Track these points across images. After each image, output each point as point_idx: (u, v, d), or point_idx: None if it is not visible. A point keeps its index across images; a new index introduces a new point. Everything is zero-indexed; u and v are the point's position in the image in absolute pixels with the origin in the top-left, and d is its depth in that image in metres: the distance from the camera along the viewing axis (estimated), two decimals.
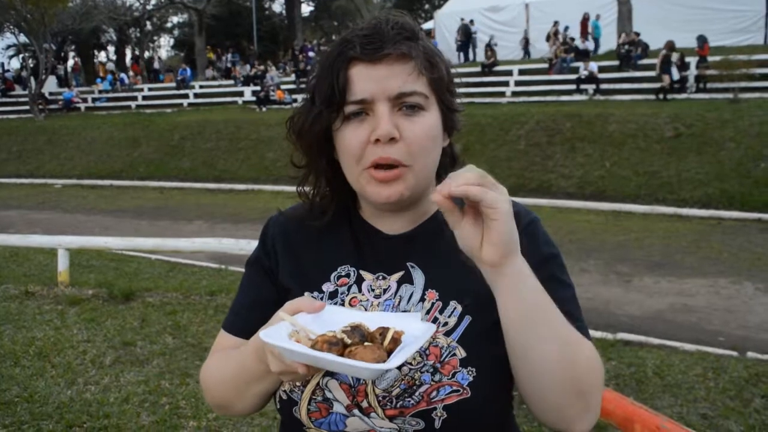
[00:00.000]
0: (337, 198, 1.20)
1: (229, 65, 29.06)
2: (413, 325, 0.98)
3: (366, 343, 0.91)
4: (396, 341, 0.93)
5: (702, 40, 18.25)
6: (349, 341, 0.91)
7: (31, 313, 6.16)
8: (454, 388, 1.03)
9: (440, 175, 1.17)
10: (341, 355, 0.88)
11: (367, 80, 1.05)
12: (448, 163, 1.20)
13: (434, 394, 1.03)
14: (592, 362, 1.02)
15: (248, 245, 6.47)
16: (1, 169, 22.73)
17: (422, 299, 1.11)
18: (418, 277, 1.13)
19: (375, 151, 1.06)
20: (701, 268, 8.57)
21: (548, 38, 22.62)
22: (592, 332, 5.61)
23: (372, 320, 0.98)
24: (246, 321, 1.21)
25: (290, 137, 1.16)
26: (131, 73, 31.65)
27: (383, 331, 0.95)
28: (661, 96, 17.44)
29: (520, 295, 0.97)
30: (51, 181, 20.81)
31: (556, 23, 22.44)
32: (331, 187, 1.19)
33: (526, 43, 24.58)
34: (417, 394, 1.03)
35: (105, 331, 5.65)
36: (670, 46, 17.82)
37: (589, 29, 22.83)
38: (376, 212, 1.19)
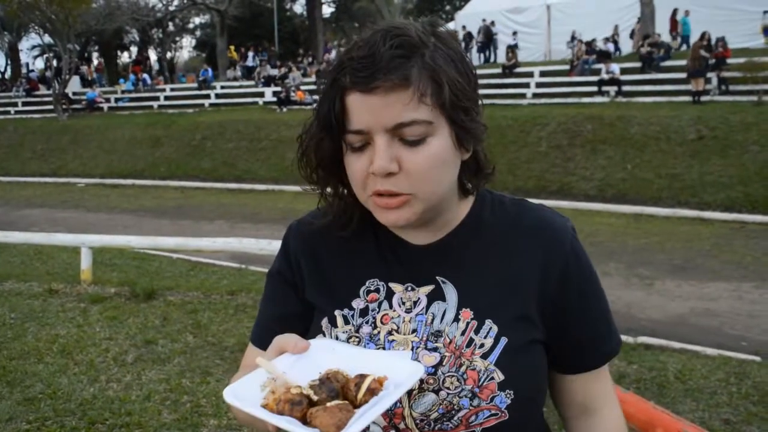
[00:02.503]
0: (359, 210, 1.12)
1: (254, 64, 28.99)
2: (399, 367, 0.93)
3: (331, 403, 0.86)
4: (373, 391, 0.88)
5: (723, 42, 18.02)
6: (315, 398, 0.87)
7: (54, 311, 6.24)
8: (493, 411, 1.01)
9: (463, 185, 1.13)
10: (303, 415, 0.85)
11: (362, 111, 0.97)
12: (473, 171, 1.12)
13: (473, 418, 1.01)
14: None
15: (269, 245, 6.50)
16: (25, 168, 23.05)
17: (456, 319, 1.06)
18: (450, 293, 1.08)
19: (375, 183, 1.01)
20: (724, 272, 8.48)
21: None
22: None
23: (356, 362, 0.94)
24: (274, 335, 1.19)
25: (300, 158, 1.10)
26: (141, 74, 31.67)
27: (360, 380, 0.89)
28: (696, 98, 17.03)
29: None
30: (74, 180, 21.04)
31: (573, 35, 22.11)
32: (350, 201, 1.13)
33: None
34: (456, 418, 1.01)
35: (127, 329, 5.70)
36: (707, 40, 17.38)
37: (678, 29, 21.96)
38: None
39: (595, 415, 1.17)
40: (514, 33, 24.11)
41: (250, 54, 30.15)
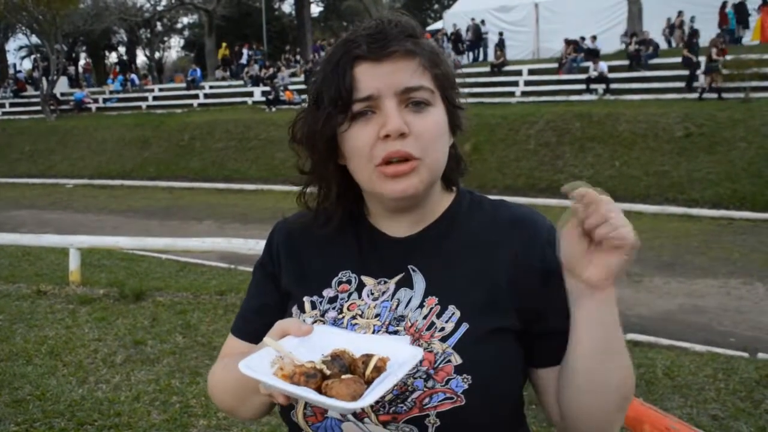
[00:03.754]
0: (344, 203, 1.17)
1: (244, 62, 28.84)
2: (401, 350, 0.96)
3: (344, 376, 0.90)
4: (379, 369, 0.92)
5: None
6: (328, 372, 0.90)
7: (43, 312, 6.21)
8: (448, 395, 1.00)
9: (447, 176, 1.16)
10: (319, 387, 0.88)
11: (372, 77, 1.04)
12: (455, 161, 1.18)
13: (427, 400, 1.00)
14: (632, 376, 1.07)
15: (257, 245, 6.49)
16: (13, 169, 22.90)
17: (421, 305, 1.08)
18: (419, 281, 1.11)
19: (385, 147, 1.04)
20: (712, 268, 8.54)
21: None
22: None
23: (358, 344, 0.97)
24: (253, 326, 1.22)
25: (293, 144, 1.15)
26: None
27: (366, 359, 0.93)
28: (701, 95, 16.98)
29: (603, 324, 1.00)
30: (62, 181, 20.93)
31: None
32: (337, 192, 1.16)
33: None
34: (409, 400, 1.01)
35: (116, 330, 5.68)
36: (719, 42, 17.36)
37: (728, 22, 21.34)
38: (384, 213, 1.17)
39: None
40: (500, 33, 24.12)
41: (245, 51, 30.03)
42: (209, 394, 1.26)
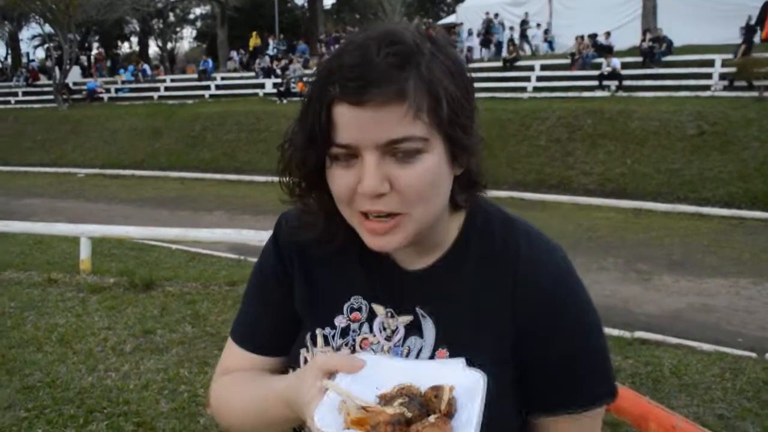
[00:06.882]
0: (345, 225, 1.02)
1: (270, 53, 28.66)
2: (460, 375, 0.89)
3: (430, 418, 0.82)
4: (451, 402, 0.85)
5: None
6: (409, 415, 0.82)
7: (53, 300, 6.26)
8: None
9: (455, 201, 1.03)
10: None
11: (351, 125, 0.88)
12: (466, 185, 1.03)
13: None
14: None
15: (268, 236, 6.48)
16: (26, 158, 23.04)
17: (432, 358, 1.02)
18: (428, 329, 1.03)
19: (363, 203, 0.92)
20: (722, 267, 8.50)
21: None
22: (609, 330, 5.64)
23: (416, 374, 0.90)
24: (261, 336, 1.15)
25: (282, 169, 1.04)
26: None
27: (437, 391, 0.86)
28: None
29: None
30: (74, 170, 21.05)
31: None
32: (334, 216, 1.02)
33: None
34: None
35: (125, 319, 5.72)
36: None
37: None
38: None
39: None
40: (511, 28, 24.03)
41: (271, 42, 29.94)
42: (213, 411, 1.18)
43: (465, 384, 0.87)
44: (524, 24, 24.27)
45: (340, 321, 1.08)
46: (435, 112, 0.89)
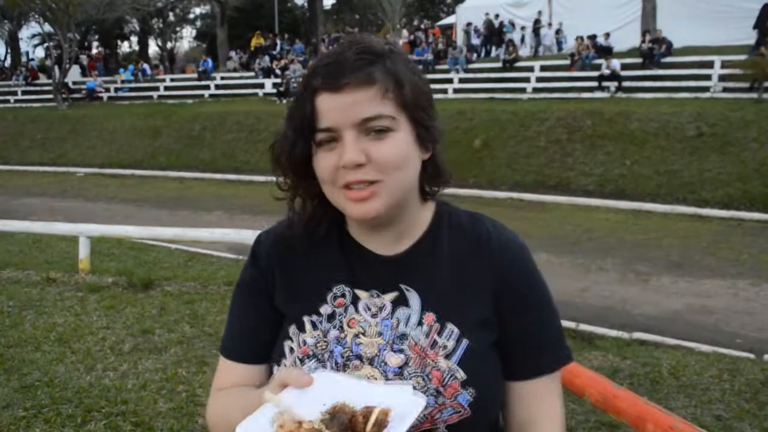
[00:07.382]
0: (327, 217, 1.20)
1: (275, 53, 28.60)
2: (402, 399, 0.94)
3: None
4: (381, 424, 0.90)
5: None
6: None
7: (52, 299, 6.25)
8: (456, 409, 1.08)
9: (424, 189, 1.19)
10: None
11: (331, 109, 1.06)
12: (432, 175, 1.19)
13: (438, 415, 1.07)
14: None
15: None
16: (25, 157, 23.03)
17: (420, 323, 1.12)
18: (414, 298, 1.15)
19: (345, 176, 1.07)
20: (720, 269, 8.51)
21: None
22: (607, 331, 5.62)
23: (360, 394, 0.96)
24: (248, 345, 1.24)
25: (274, 164, 1.20)
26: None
27: (367, 412, 0.91)
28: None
29: None
30: (73, 169, 21.04)
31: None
32: (319, 207, 1.19)
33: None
34: (422, 415, 1.05)
35: (124, 318, 5.72)
36: None
37: None
38: (363, 230, 1.19)
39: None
40: (523, 28, 23.99)
41: (278, 42, 29.85)
42: (210, 428, 1.24)
43: (404, 408, 0.92)
44: (537, 23, 24.25)
45: (325, 309, 1.17)
46: (399, 94, 1.07)
